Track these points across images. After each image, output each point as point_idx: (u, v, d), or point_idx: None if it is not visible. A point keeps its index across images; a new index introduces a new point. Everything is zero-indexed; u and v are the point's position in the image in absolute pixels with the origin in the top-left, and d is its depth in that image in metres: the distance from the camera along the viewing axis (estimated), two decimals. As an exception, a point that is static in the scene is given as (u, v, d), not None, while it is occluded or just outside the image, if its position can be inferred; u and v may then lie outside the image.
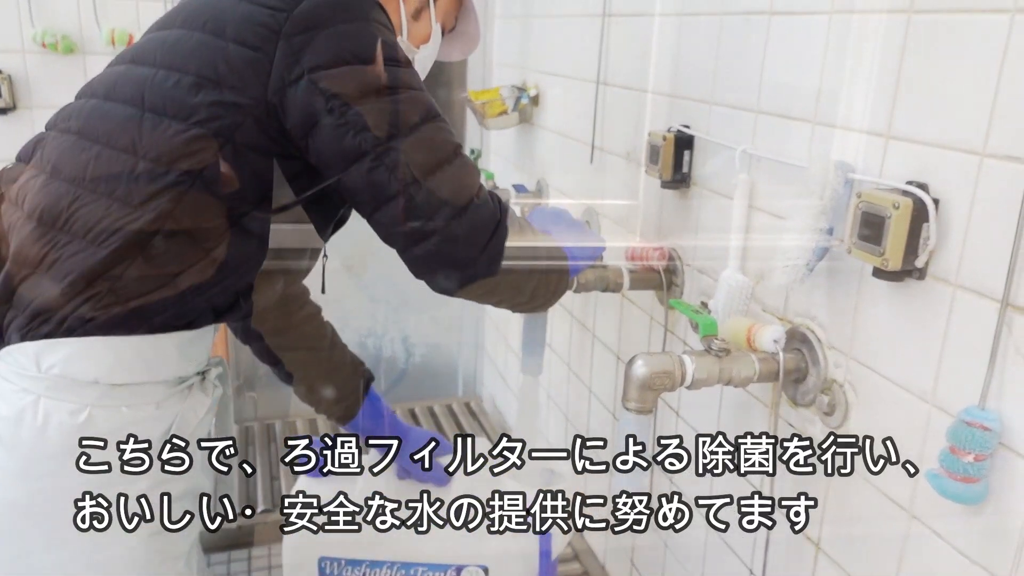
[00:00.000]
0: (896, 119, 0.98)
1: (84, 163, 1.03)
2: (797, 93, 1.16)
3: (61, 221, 1.01)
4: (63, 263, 0.99)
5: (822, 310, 1.14)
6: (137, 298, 1.01)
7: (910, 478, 0.98)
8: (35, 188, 1.05)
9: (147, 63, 1.07)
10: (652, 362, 1.13)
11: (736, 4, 1.30)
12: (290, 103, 1.01)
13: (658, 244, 1.56)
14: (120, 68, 1.11)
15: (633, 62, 1.67)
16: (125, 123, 1.03)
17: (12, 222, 1.05)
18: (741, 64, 1.30)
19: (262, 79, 1.01)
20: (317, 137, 1.02)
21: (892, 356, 1.02)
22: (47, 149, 1.08)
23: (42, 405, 1.00)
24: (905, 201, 0.91)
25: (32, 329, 0.99)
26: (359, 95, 1.00)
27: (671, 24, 1.52)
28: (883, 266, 0.94)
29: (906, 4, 0.96)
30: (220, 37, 1.03)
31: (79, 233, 1.00)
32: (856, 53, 1.05)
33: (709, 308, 1.32)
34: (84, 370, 1.00)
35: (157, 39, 1.10)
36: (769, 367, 1.14)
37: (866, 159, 1.03)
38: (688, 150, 1.45)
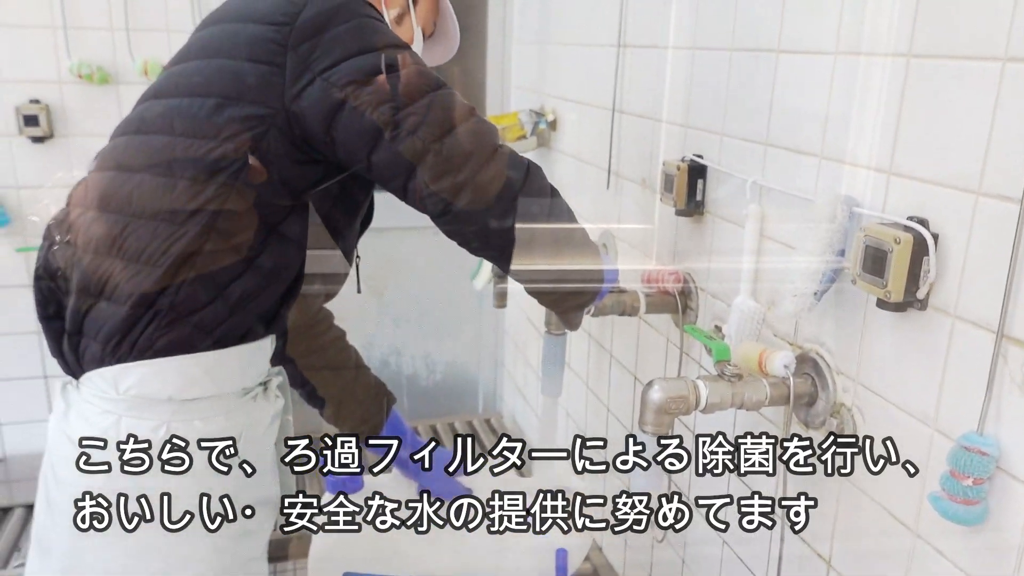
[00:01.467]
0: (898, 156, 1.03)
1: (128, 193, 1.12)
2: (804, 128, 1.22)
3: (115, 249, 1.10)
4: (123, 287, 1.08)
5: (831, 336, 1.19)
6: (193, 313, 1.09)
7: (915, 498, 1.02)
8: (86, 224, 1.14)
9: (171, 95, 1.16)
10: (668, 387, 1.18)
11: (745, 40, 1.36)
12: (307, 106, 1.09)
13: (673, 268, 1.62)
14: (146, 104, 1.19)
15: (647, 91, 1.73)
16: (160, 150, 1.12)
17: (70, 260, 1.14)
18: (750, 98, 1.35)
19: (278, 90, 1.09)
20: (339, 128, 1.09)
21: (897, 382, 1.06)
22: (91, 188, 1.17)
23: (124, 423, 1.09)
24: (906, 236, 0.96)
25: (107, 355, 1.09)
26: (369, 78, 1.08)
27: (683, 56, 1.57)
28: (886, 298, 0.99)
29: (905, 49, 1.01)
30: (235, 59, 1.11)
31: (133, 257, 1.09)
32: (860, 92, 1.11)
33: (723, 332, 1.38)
34: (158, 389, 1.09)
35: (176, 72, 1.19)
36: (780, 391, 1.19)
37: (870, 194, 1.08)
38: (701, 179, 1.51)
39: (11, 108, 2.35)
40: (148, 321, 1.08)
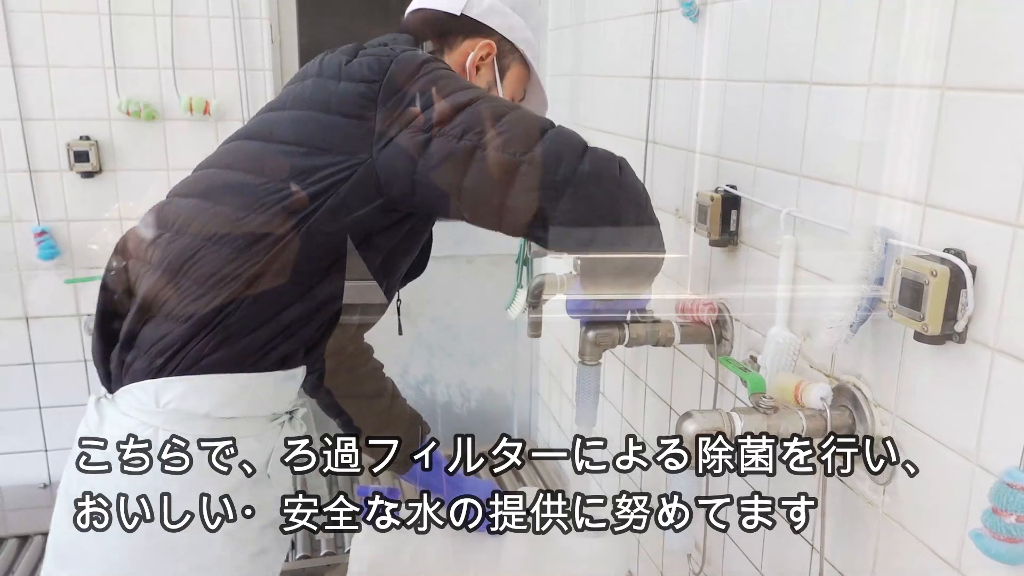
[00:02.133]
0: (933, 188, 1.03)
1: (207, 220, 1.18)
2: (838, 159, 1.22)
3: (185, 269, 1.15)
4: (185, 305, 1.13)
5: (868, 368, 1.17)
6: (244, 336, 1.14)
7: (957, 535, 1.01)
8: (163, 243, 1.20)
9: (262, 138, 1.23)
10: (703, 420, 1.17)
11: (778, 73, 1.37)
12: (393, 154, 1.14)
13: (708, 298, 1.61)
14: (237, 143, 1.26)
15: (680, 123, 1.74)
16: (246, 186, 1.18)
17: (139, 274, 1.20)
18: (784, 129, 1.35)
19: (367, 141, 1.14)
20: (426, 167, 1.12)
21: (936, 415, 1.05)
22: (171, 211, 1.23)
23: (160, 436, 1.12)
24: (943, 269, 0.96)
25: (154, 368, 1.13)
26: (451, 114, 1.13)
27: (716, 88, 1.58)
28: (923, 331, 0.98)
29: (940, 80, 1.01)
30: (328, 113, 1.18)
31: (200, 280, 1.14)
32: (894, 124, 1.11)
33: (758, 363, 1.37)
34: (197, 405, 1.13)
35: (270, 119, 1.25)
36: (816, 424, 1.18)
37: (906, 225, 1.08)
38: (735, 209, 1.51)
39: (63, 145, 2.44)
40: (201, 339, 1.13)
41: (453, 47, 1.33)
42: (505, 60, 1.37)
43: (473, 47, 1.33)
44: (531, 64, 1.40)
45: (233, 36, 2.47)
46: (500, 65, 1.36)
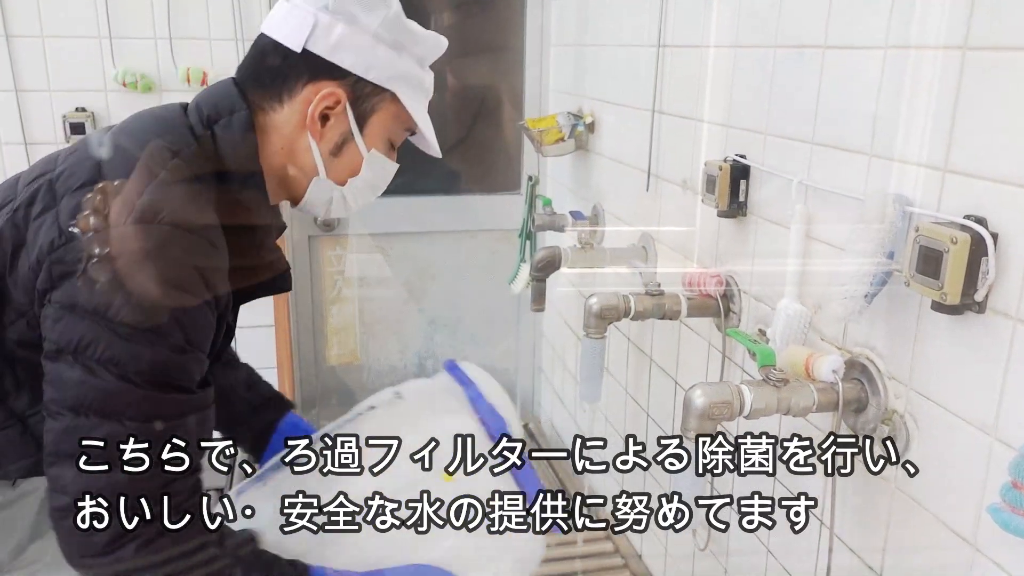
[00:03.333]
0: (953, 153, 0.99)
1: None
2: (852, 126, 1.18)
3: None
4: None
5: (881, 340, 1.14)
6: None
7: (973, 509, 0.98)
8: None
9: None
10: (711, 392, 1.15)
11: (789, 37, 1.33)
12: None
13: (715, 271, 1.58)
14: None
15: (688, 92, 1.70)
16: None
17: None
18: (796, 96, 1.32)
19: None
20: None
21: (953, 388, 1.02)
22: None
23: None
24: (963, 236, 0.93)
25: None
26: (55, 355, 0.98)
27: (725, 56, 1.54)
28: (942, 300, 0.95)
29: (960, 41, 0.97)
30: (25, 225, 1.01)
31: None
32: (911, 87, 1.07)
33: (767, 336, 1.34)
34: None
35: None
36: (828, 397, 1.16)
37: (923, 192, 1.04)
38: (744, 179, 1.47)
39: (58, 116, 2.40)
40: None
41: (294, 93, 1.06)
42: (365, 104, 1.09)
43: (315, 94, 1.05)
44: (409, 103, 1.11)
45: (230, 5, 2.42)
46: (358, 112, 1.09)
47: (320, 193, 1.13)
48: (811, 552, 1.32)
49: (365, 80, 1.08)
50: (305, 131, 1.08)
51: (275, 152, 1.09)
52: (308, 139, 1.08)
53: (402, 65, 1.10)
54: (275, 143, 1.09)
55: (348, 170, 1.13)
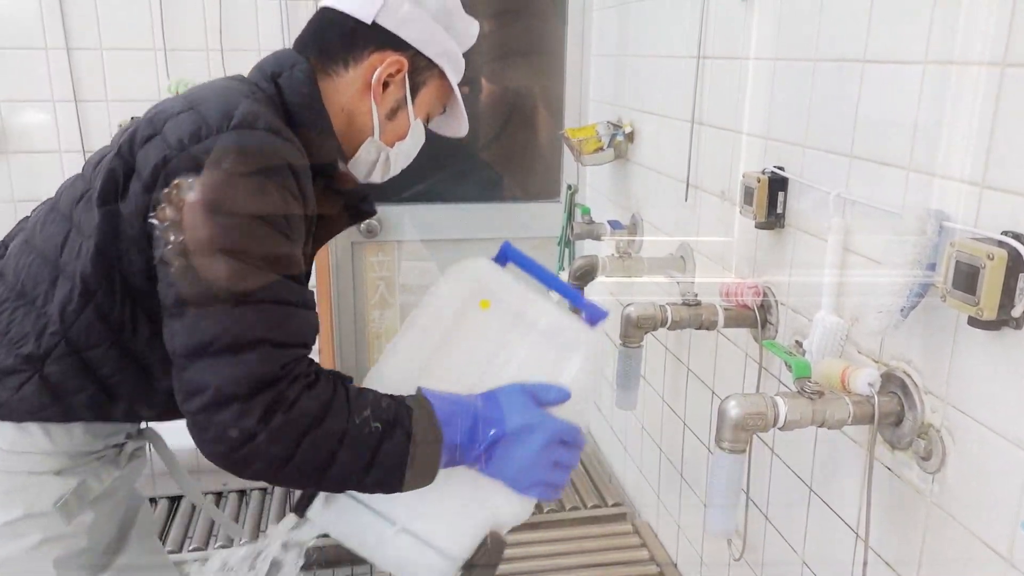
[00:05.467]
0: (991, 169, 1.00)
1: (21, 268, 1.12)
2: (891, 139, 1.18)
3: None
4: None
5: (918, 354, 1.15)
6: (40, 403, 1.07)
7: (1008, 526, 0.98)
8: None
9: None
10: (745, 403, 1.16)
11: (830, 51, 1.33)
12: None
13: (752, 282, 1.59)
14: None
15: (727, 103, 1.71)
16: (54, 237, 1.11)
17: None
18: (835, 109, 1.32)
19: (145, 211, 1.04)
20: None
21: (990, 403, 1.02)
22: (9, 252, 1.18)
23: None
24: (1000, 252, 0.93)
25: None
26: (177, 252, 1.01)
27: (765, 68, 1.55)
28: (978, 315, 0.95)
29: (1000, 58, 0.97)
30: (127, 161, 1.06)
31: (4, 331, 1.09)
32: (951, 103, 1.07)
33: (803, 348, 1.35)
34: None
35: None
36: (863, 410, 1.16)
37: (961, 207, 1.04)
38: (782, 191, 1.48)
39: (115, 126, 2.49)
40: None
41: (359, 60, 1.17)
42: (420, 76, 1.21)
43: (381, 61, 1.16)
44: (451, 80, 1.24)
45: (280, 18, 2.50)
46: (413, 82, 1.20)
47: (370, 153, 1.22)
48: (846, 564, 1.32)
49: (422, 54, 1.19)
50: (367, 94, 1.18)
51: (335, 112, 1.17)
52: (370, 102, 1.18)
53: (450, 45, 1.22)
54: (335, 103, 1.17)
55: (397, 134, 1.23)
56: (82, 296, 1.06)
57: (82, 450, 1.13)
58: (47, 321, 1.07)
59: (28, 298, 1.10)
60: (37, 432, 1.09)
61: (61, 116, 2.47)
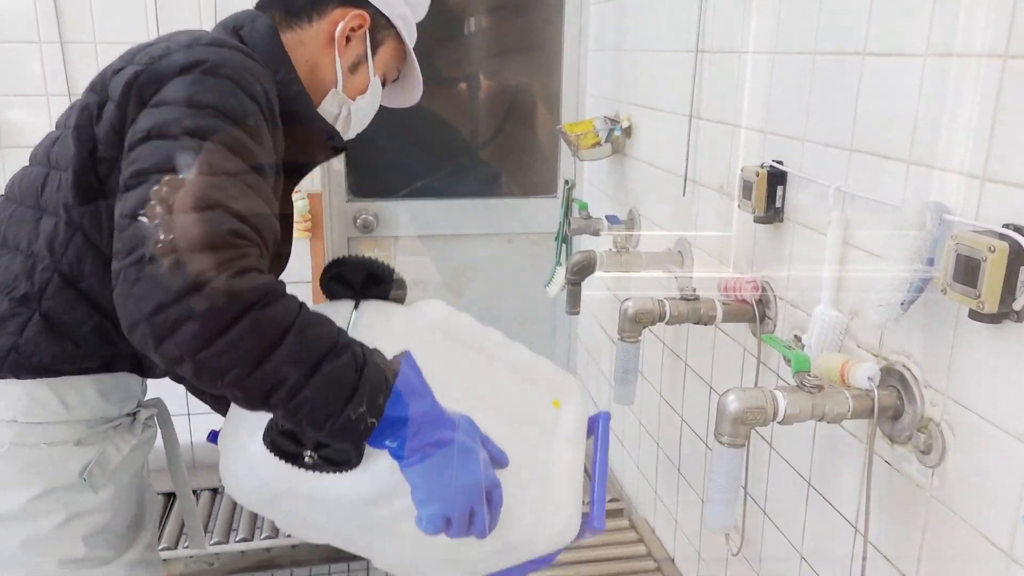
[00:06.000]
0: (992, 162, 0.99)
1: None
2: (891, 132, 1.18)
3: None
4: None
5: (918, 348, 1.14)
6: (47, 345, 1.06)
7: (1009, 520, 0.98)
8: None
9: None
10: (745, 397, 1.16)
11: (829, 44, 1.33)
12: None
13: (751, 276, 1.58)
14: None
15: (726, 97, 1.71)
16: (33, 182, 1.11)
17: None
18: (834, 102, 1.32)
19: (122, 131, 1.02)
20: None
21: (991, 397, 1.02)
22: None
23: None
24: (1001, 244, 0.92)
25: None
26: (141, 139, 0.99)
27: (764, 61, 1.54)
28: (979, 308, 0.95)
29: (1002, 50, 0.97)
30: (101, 95, 1.06)
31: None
32: (951, 95, 1.07)
33: (802, 342, 1.34)
34: (1, 410, 1.06)
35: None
36: (863, 404, 1.16)
37: (961, 201, 1.04)
38: (781, 185, 1.47)
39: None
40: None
41: (323, 14, 1.20)
42: (379, 35, 1.26)
43: (344, 15, 1.21)
44: (407, 43, 1.30)
45: (275, 12, 2.48)
46: (373, 39, 1.25)
47: (333, 106, 1.24)
48: (845, 559, 1.32)
49: (382, 13, 1.25)
50: (331, 46, 1.21)
51: (299, 63, 1.18)
52: (334, 53, 1.22)
53: (406, 11, 1.28)
54: (299, 55, 1.19)
55: (358, 89, 1.27)
56: (68, 226, 1.05)
57: (98, 416, 1.13)
58: (35, 260, 1.06)
59: (12, 245, 1.09)
60: (51, 398, 1.08)
61: (55, 111, 2.45)
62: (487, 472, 1.00)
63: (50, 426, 1.08)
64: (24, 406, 1.07)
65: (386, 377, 0.95)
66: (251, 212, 0.94)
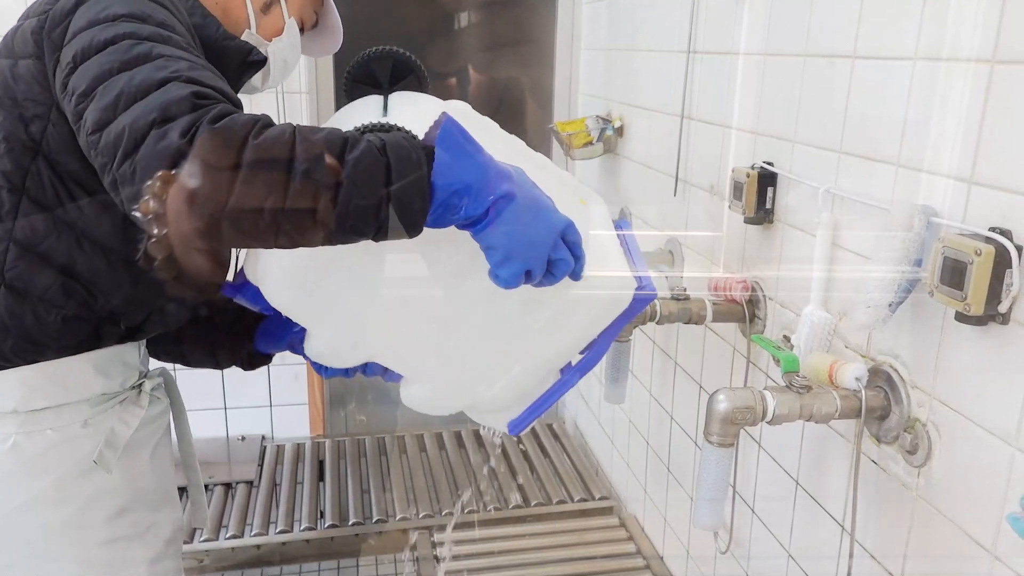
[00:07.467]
0: (979, 165, 1.00)
1: None
2: (880, 135, 1.19)
3: None
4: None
5: (905, 349, 1.15)
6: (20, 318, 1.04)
7: (993, 518, 0.99)
8: None
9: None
10: (734, 397, 1.17)
11: (819, 47, 1.34)
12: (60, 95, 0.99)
13: (741, 276, 1.59)
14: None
15: (717, 98, 1.72)
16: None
17: None
18: (824, 104, 1.33)
19: (45, 82, 1.01)
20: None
21: (976, 398, 1.03)
22: None
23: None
24: (987, 248, 0.93)
25: None
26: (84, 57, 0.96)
27: (755, 63, 1.55)
28: (965, 311, 0.96)
29: (989, 54, 0.98)
30: (11, 57, 1.05)
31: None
32: (940, 99, 1.08)
33: (791, 343, 1.35)
34: (1, 402, 1.06)
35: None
36: (851, 404, 1.17)
37: (949, 203, 1.05)
38: (771, 186, 1.48)
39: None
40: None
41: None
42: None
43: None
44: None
45: None
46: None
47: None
48: (832, 558, 1.33)
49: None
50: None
51: (210, 6, 1.16)
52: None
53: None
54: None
55: (273, 30, 1.24)
56: (12, 193, 1.03)
57: (99, 393, 1.12)
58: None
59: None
60: (46, 383, 1.07)
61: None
62: (557, 216, 0.89)
63: (52, 411, 1.08)
64: (21, 395, 1.06)
65: (423, 145, 0.83)
66: (206, 79, 0.89)
